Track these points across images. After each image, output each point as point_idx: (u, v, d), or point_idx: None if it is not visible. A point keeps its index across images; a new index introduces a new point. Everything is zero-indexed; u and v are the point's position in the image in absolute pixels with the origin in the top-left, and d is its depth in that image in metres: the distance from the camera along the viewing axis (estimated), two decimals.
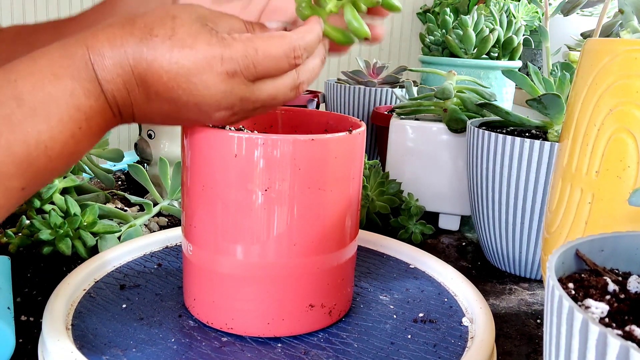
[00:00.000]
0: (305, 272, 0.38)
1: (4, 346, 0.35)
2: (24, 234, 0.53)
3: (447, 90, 0.65)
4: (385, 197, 0.65)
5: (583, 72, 0.37)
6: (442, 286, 0.47)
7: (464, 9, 1.43)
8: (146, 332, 0.39)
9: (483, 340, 0.37)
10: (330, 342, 0.38)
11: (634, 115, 0.33)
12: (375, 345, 0.38)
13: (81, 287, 0.44)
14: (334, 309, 0.40)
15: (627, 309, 0.23)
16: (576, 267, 0.27)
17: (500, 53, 0.85)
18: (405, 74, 1.00)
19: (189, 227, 0.39)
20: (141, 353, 0.36)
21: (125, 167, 0.88)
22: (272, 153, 0.35)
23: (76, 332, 0.38)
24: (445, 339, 0.39)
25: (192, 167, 0.38)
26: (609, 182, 0.34)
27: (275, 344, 0.38)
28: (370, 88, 0.93)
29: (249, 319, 0.38)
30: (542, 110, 0.52)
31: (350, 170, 0.39)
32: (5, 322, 0.36)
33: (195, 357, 0.36)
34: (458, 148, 0.66)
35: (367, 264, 0.51)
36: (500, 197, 0.54)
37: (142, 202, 0.62)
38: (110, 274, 0.47)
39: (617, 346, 0.19)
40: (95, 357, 0.35)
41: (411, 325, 0.41)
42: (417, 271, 0.50)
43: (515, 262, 0.56)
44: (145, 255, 0.51)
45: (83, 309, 0.41)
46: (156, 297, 0.44)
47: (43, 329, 0.36)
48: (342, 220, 0.39)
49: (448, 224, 0.69)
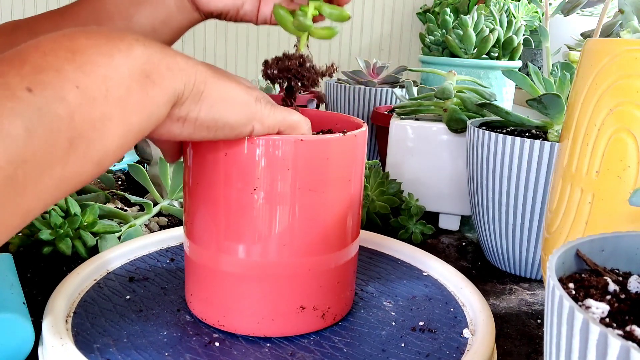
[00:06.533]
0: (297, 273, 0.38)
1: (24, 341, 0.36)
2: (24, 234, 0.53)
3: (447, 90, 0.65)
4: (385, 197, 0.65)
5: (583, 72, 0.37)
6: (451, 295, 0.46)
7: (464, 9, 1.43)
8: (142, 324, 0.39)
9: (476, 353, 0.36)
10: (319, 346, 0.38)
11: (634, 115, 0.33)
12: (365, 351, 0.37)
13: (82, 286, 0.44)
14: (327, 312, 0.40)
15: (627, 309, 0.23)
16: (576, 267, 0.27)
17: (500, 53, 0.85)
18: (405, 74, 1.00)
19: (187, 225, 0.40)
20: (131, 344, 0.37)
21: (125, 167, 0.88)
22: (272, 153, 0.35)
23: (76, 321, 0.39)
24: (441, 349, 0.38)
25: (193, 167, 0.38)
26: (609, 182, 0.34)
27: (264, 344, 0.38)
28: (370, 88, 0.93)
29: (239, 318, 0.38)
30: (542, 110, 0.52)
31: (350, 171, 0.39)
32: (24, 317, 0.36)
33: (182, 351, 0.36)
34: (458, 148, 0.66)
35: (378, 269, 0.51)
36: (500, 197, 0.54)
37: (142, 202, 0.62)
38: (123, 267, 0.48)
39: (617, 346, 0.19)
40: (86, 345, 0.36)
41: (408, 333, 0.40)
42: (429, 278, 0.49)
43: (515, 262, 0.56)
44: (161, 249, 0.52)
45: (88, 299, 0.42)
46: (161, 291, 0.44)
47: (43, 329, 0.36)
48: (341, 221, 0.39)
49: (448, 224, 0.69)
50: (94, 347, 0.36)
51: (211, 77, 0.33)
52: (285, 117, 0.36)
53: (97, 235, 0.54)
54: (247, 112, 0.34)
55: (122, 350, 0.36)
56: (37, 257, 0.53)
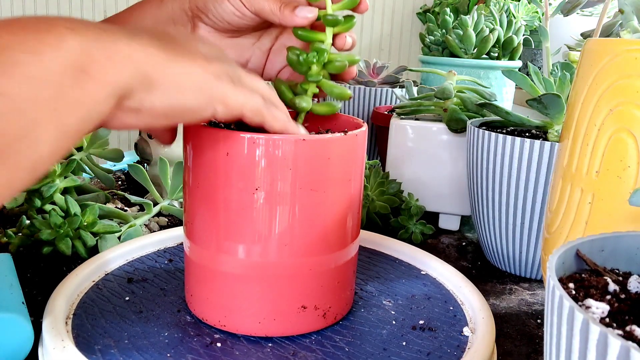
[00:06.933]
0: (297, 273, 0.38)
1: (23, 341, 0.36)
2: (24, 234, 0.53)
3: (447, 90, 0.65)
4: (385, 197, 0.65)
5: (583, 72, 0.37)
6: (451, 294, 0.46)
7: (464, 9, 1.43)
8: (142, 325, 0.39)
9: (477, 351, 0.36)
10: (321, 345, 0.38)
11: (634, 115, 0.33)
12: (367, 350, 0.38)
13: (81, 287, 0.44)
14: (328, 312, 0.40)
15: (627, 309, 0.23)
16: (576, 267, 0.27)
17: (500, 53, 0.85)
18: (405, 74, 1.00)
19: (187, 225, 0.40)
20: (132, 345, 0.37)
21: (125, 167, 0.88)
22: (273, 153, 0.35)
23: (76, 322, 0.39)
24: (442, 347, 0.38)
25: (193, 167, 0.38)
26: (609, 182, 0.34)
27: (266, 344, 0.38)
28: (370, 88, 0.93)
29: (241, 318, 0.38)
30: (542, 110, 0.52)
31: (351, 170, 0.39)
32: (24, 317, 0.36)
33: (183, 352, 0.36)
34: (458, 148, 0.66)
35: (377, 268, 0.51)
36: (500, 197, 0.54)
37: (142, 202, 0.62)
38: (121, 267, 0.48)
39: (617, 346, 0.19)
40: (87, 346, 0.36)
41: (409, 332, 0.40)
42: (428, 278, 0.49)
43: (515, 262, 0.56)
44: (159, 250, 0.52)
45: (87, 300, 0.42)
46: (160, 292, 0.44)
47: (43, 331, 0.36)
48: (341, 221, 0.39)
49: (448, 224, 0.69)
50: (95, 349, 0.36)
51: (162, 61, 0.30)
52: (247, 101, 0.34)
53: (97, 235, 0.54)
54: (207, 93, 0.32)
55: (123, 351, 0.36)
56: (37, 257, 0.53)
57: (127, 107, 0.29)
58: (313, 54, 0.39)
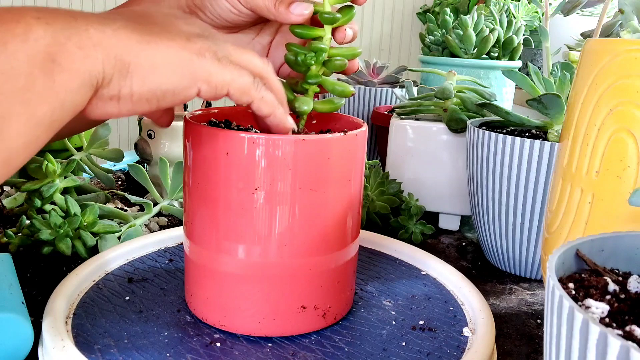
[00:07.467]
0: (297, 273, 0.38)
1: (23, 340, 0.36)
2: (24, 234, 0.53)
3: (447, 90, 0.65)
4: (385, 197, 0.65)
5: (583, 72, 0.37)
6: (451, 294, 0.46)
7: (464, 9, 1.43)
8: (142, 324, 0.39)
9: (477, 352, 0.36)
10: (321, 345, 0.38)
11: (634, 115, 0.33)
12: (367, 350, 0.38)
13: (82, 287, 0.44)
14: (328, 312, 0.40)
15: (627, 309, 0.23)
16: (576, 267, 0.27)
17: (500, 53, 0.85)
18: (405, 74, 1.00)
19: (187, 225, 0.40)
20: (132, 345, 0.37)
21: (125, 167, 0.88)
22: (273, 152, 0.35)
23: (75, 321, 0.39)
24: (442, 348, 0.38)
25: (193, 166, 0.38)
26: (609, 182, 0.34)
27: (265, 344, 0.38)
28: (370, 88, 0.93)
29: (240, 318, 0.38)
30: (542, 110, 0.52)
31: (351, 170, 0.39)
32: (23, 317, 0.36)
33: (183, 352, 0.36)
34: (458, 148, 0.66)
35: (377, 268, 0.51)
36: (500, 197, 0.54)
37: (142, 202, 0.62)
38: (121, 267, 0.48)
39: (617, 346, 0.19)
40: (87, 346, 0.36)
41: (409, 332, 0.40)
42: (428, 278, 0.49)
43: (515, 262, 0.56)
44: (159, 250, 0.52)
45: (87, 299, 0.42)
46: (160, 292, 0.44)
47: (43, 330, 0.36)
48: (341, 221, 0.39)
49: (448, 224, 0.69)
50: (95, 348, 0.36)
51: (136, 44, 0.29)
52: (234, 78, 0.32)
53: (97, 235, 0.54)
54: (188, 72, 0.30)
55: (123, 351, 0.36)
56: (37, 257, 0.53)
57: (105, 95, 0.28)
58: (311, 55, 0.38)
